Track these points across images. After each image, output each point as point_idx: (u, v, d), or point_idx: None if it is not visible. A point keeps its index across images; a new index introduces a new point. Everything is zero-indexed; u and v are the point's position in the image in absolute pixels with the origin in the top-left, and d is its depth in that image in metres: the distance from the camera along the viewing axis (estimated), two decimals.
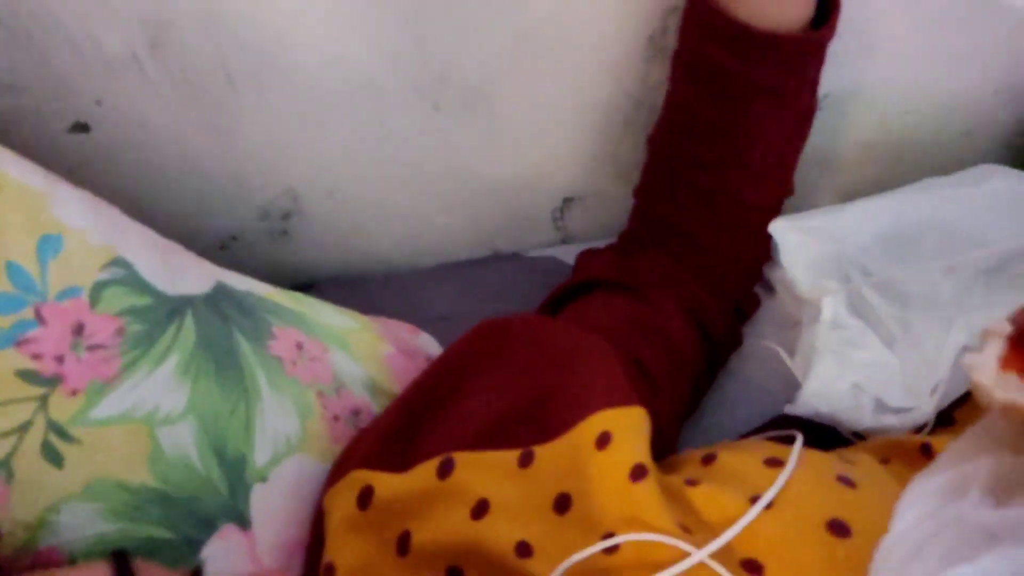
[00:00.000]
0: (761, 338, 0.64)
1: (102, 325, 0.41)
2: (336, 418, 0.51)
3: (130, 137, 0.57)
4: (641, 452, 0.42)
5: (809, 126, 0.56)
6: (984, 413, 0.33)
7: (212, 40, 0.53)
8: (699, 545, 0.38)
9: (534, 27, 0.56)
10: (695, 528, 0.40)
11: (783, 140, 0.54)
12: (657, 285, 0.58)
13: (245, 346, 0.48)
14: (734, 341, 0.63)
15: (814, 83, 0.53)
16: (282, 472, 0.46)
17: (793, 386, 0.57)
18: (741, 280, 0.61)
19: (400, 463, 0.46)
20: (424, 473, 0.45)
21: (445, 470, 0.44)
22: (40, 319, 0.39)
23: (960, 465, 0.28)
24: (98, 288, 0.42)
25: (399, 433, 0.47)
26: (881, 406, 0.54)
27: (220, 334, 0.47)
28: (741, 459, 0.45)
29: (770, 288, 0.67)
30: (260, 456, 0.45)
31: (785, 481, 0.41)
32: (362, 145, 0.61)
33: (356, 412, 0.52)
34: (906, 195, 0.58)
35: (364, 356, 0.56)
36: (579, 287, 0.61)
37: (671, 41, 0.56)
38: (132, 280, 0.43)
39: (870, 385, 0.54)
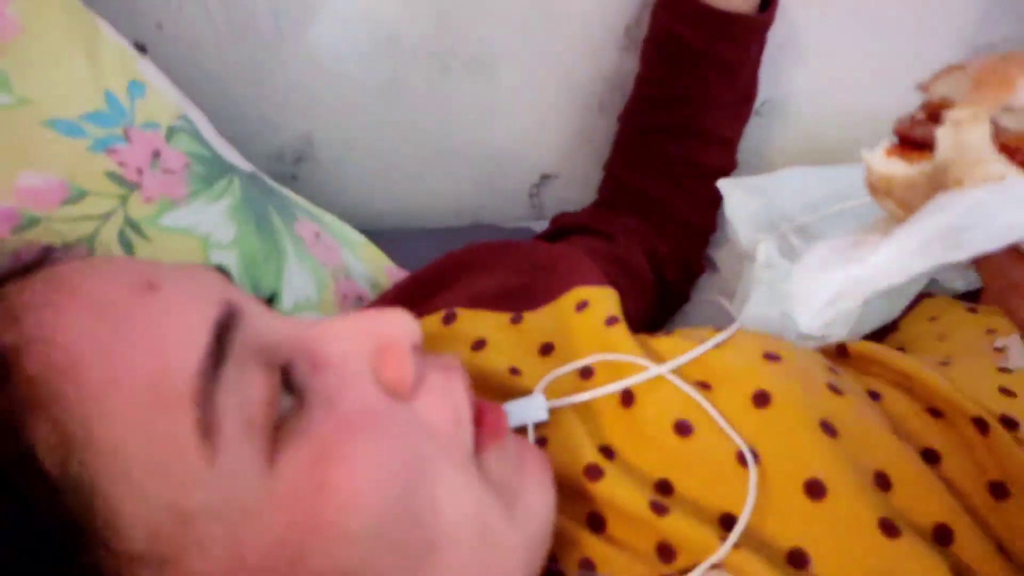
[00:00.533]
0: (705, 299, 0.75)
1: (174, 157, 0.48)
2: (345, 296, 0.58)
3: (180, 63, 0.65)
4: (614, 311, 0.51)
5: (750, 107, 0.69)
6: None
7: None
8: None
9: (531, 10, 0.68)
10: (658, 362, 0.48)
11: (730, 111, 0.67)
12: (622, 232, 0.68)
13: (277, 219, 0.55)
14: (683, 291, 0.73)
15: (755, 64, 0.66)
16: (303, 319, 0.53)
17: None
18: (691, 238, 0.72)
19: None
20: (431, 322, 0.52)
21: (449, 319, 0.52)
22: (127, 137, 0.46)
23: (856, 235, 0.37)
24: (171, 131, 0.50)
25: (410, 298, 0.55)
26: (804, 334, 0.64)
27: (259, 201, 0.54)
28: (696, 330, 0.53)
29: (715, 267, 0.78)
30: (286, 301, 0.52)
31: (731, 334, 0.50)
32: (377, 98, 0.71)
33: (360, 298, 0.60)
34: (834, 168, 0.70)
35: (368, 261, 0.63)
36: (555, 235, 0.70)
37: (644, 33, 0.69)
38: (196, 135, 0.51)
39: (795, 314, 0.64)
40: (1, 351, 0.27)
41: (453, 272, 0.58)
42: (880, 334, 0.66)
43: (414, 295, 0.55)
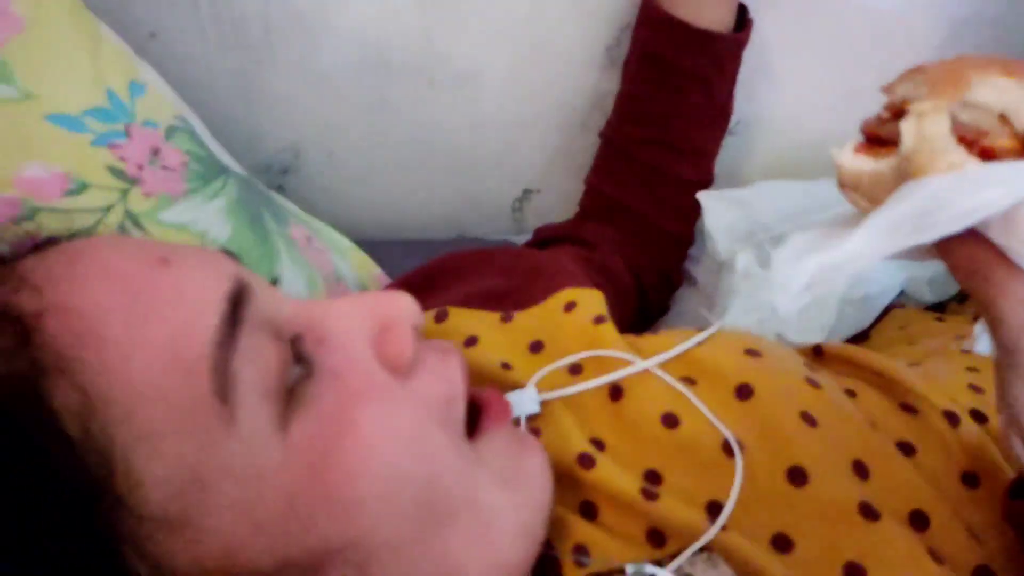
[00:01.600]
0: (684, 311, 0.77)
1: (172, 155, 0.49)
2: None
3: (172, 73, 0.66)
4: (601, 311, 0.53)
5: (726, 123, 0.72)
6: None
7: None
8: None
9: (518, 26, 0.70)
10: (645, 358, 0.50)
11: (706, 125, 0.69)
12: (602, 240, 0.70)
13: (270, 221, 0.56)
14: (663, 301, 0.75)
15: (731, 81, 0.69)
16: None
17: None
18: (669, 248, 0.74)
19: None
20: (424, 319, 0.53)
21: (440, 317, 0.53)
22: (128, 134, 0.47)
23: (829, 228, 0.39)
24: (170, 130, 0.51)
25: None
26: (782, 339, 0.66)
27: (253, 203, 0.55)
28: (679, 331, 0.55)
29: (694, 281, 0.80)
30: None
31: (713, 332, 0.52)
32: (364, 111, 0.73)
33: None
34: (808, 182, 0.73)
35: (358, 267, 0.64)
36: (538, 245, 0.72)
37: (623, 54, 0.71)
38: (193, 134, 0.52)
39: (772, 322, 0.66)
40: (23, 317, 0.27)
41: (444, 274, 0.59)
42: (853, 343, 0.68)
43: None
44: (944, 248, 0.32)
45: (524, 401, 0.47)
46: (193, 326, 0.29)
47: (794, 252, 0.35)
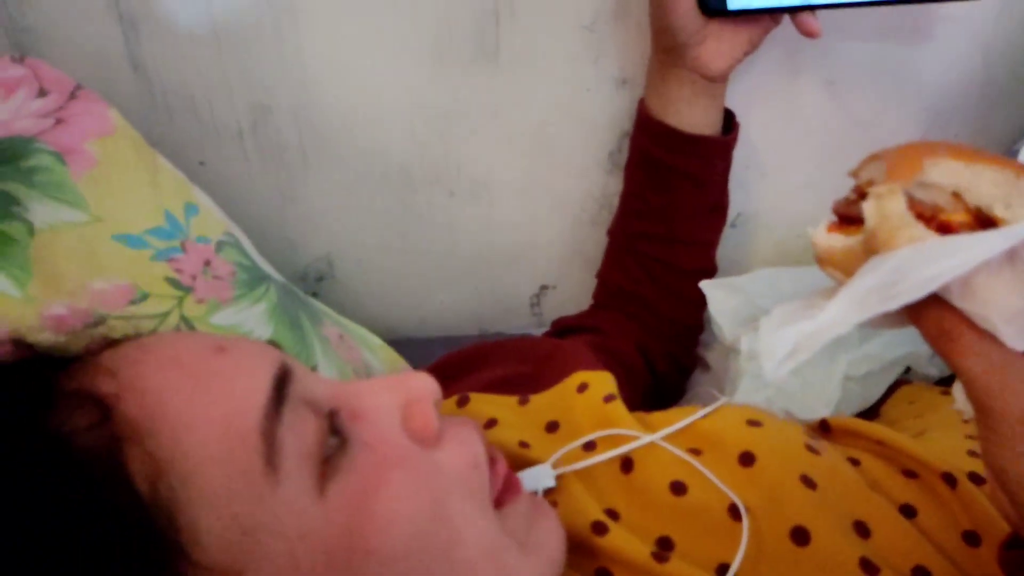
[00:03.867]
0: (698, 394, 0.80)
1: (222, 266, 0.56)
2: None
3: (218, 195, 0.74)
4: (611, 390, 0.57)
5: (724, 216, 0.77)
6: None
7: (298, 126, 0.72)
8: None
9: (527, 138, 0.77)
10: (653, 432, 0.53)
11: (703, 218, 0.75)
12: (614, 328, 0.74)
13: (306, 322, 0.62)
14: (677, 384, 0.78)
15: (723, 177, 0.74)
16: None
17: None
18: (678, 334, 0.78)
19: None
20: (446, 405, 0.58)
21: (462, 402, 0.58)
22: (184, 249, 0.54)
23: (809, 299, 0.43)
24: (220, 244, 0.57)
25: None
26: (790, 416, 0.69)
27: (291, 307, 0.61)
28: (685, 408, 0.59)
29: (707, 366, 0.84)
30: None
31: (717, 407, 0.55)
32: (391, 221, 0.80)
33: None
34: (805, 269, 0.78)
35: (386, 364, 0.69)
36: (555, 336, 0.77)
37: (624, 158, 0.78)
38: (239, 247, 0.59)
39: (780, 400, 0.69)
40: (103, 397, 0.33)
41: (466, 364, 0.64)
42: (864, 418, 0.70)
43: None
44: (914, 314, 0.35)
45: (541, 477, 0.50)
46: (245, 402, 0.34)
47: (776, 322, 0.39)
